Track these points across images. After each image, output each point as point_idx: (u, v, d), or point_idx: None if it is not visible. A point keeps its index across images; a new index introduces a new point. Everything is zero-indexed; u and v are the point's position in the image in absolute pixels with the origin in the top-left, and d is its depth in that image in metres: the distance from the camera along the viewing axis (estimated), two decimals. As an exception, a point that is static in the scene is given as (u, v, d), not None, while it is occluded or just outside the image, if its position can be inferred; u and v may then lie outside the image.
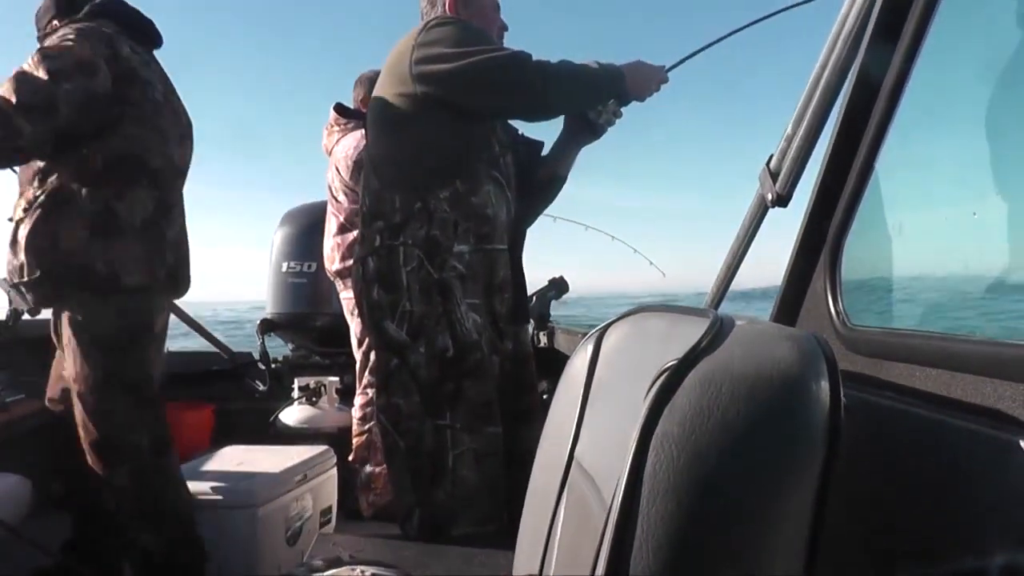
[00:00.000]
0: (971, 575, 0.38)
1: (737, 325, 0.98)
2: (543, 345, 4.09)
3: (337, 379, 4.09)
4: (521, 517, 1.42)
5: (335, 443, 3.62)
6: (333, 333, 4.16)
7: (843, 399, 0.88)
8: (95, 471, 2.47)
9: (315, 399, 4.02)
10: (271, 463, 3.03)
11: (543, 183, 2.78)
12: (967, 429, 0.98)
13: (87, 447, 2.47)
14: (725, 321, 0.98)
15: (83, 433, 2.47)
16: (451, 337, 2.37)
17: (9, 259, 2.47)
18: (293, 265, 4.30)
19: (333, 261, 3.75)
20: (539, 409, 2.81)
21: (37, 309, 2.52)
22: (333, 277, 3.80)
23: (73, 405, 2.49)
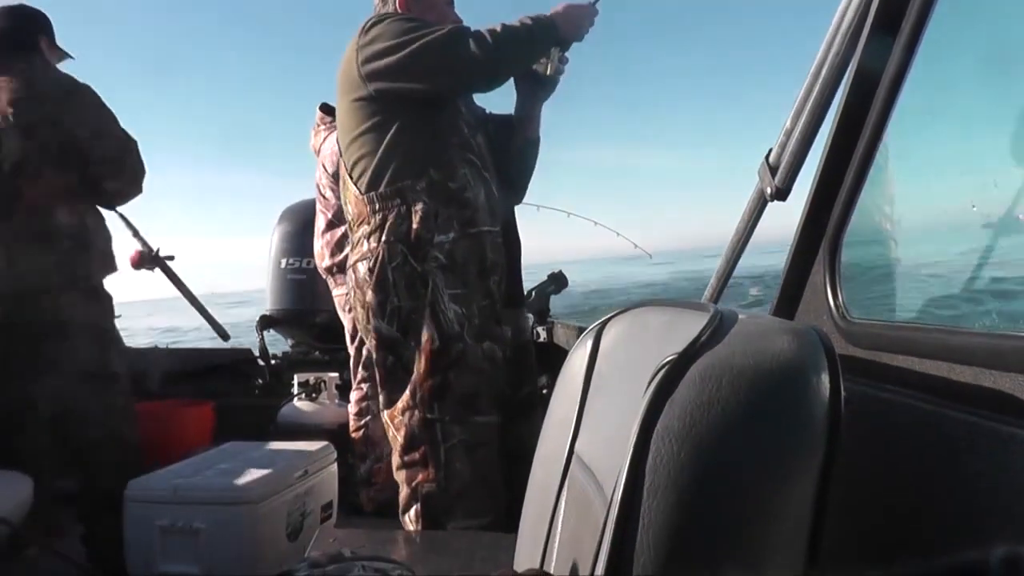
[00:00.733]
0: (971, 566, 0.38)
1: (736, 319, 0.98)
2: (543, 340, 4.09)
3: (336, 375, 4.09)
4: (522, 511, 1.43)
5: (335, 438, 3.62)
6: (332, 329, 4.17)
7: (843, 392, 0.89)
8: None
9: (315, 395, 4.02)
10: (271, 459, 3.03)
11: (518, 151, 2.80)
12: (967, 421, 0.98)
13: None
14: (725, 315, 0.98)
15: None
16: (436, 329, 2.38)
17: None
18: (292, 261, 4.31)
19: (323, 258, 3.76)
20: (539, 401, 2.81)
21: None
22: (324, 274, 3.81)
23: None
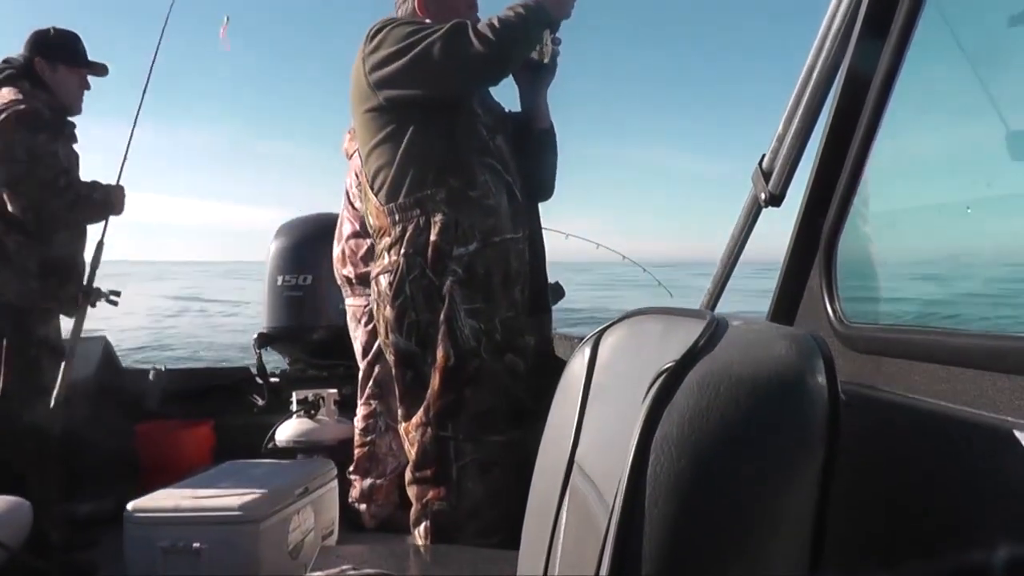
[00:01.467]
0: (973, 568, 0.38)
1: (733, 325, 0.98)
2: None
3: (335, 391, 4.08)
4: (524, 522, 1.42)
5: (335, 455, 3.62)
6: (330, 345, 4.16)
7: (841, 396, 0.88)
8: None
9: (314, 412, 4.01)
10: (272, 477, 3.03)
11: (535, 145, 2.74)
12: (966, 423, 0.98)
13: None
14: (721, 322, 0.98)
15: None
16: (452, 345, 2.35)
17: None
18: (288, 278, 4.30)
19: (344, 265, 3.74)
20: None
21: None
22: (341, 282, 3.79)
23: None
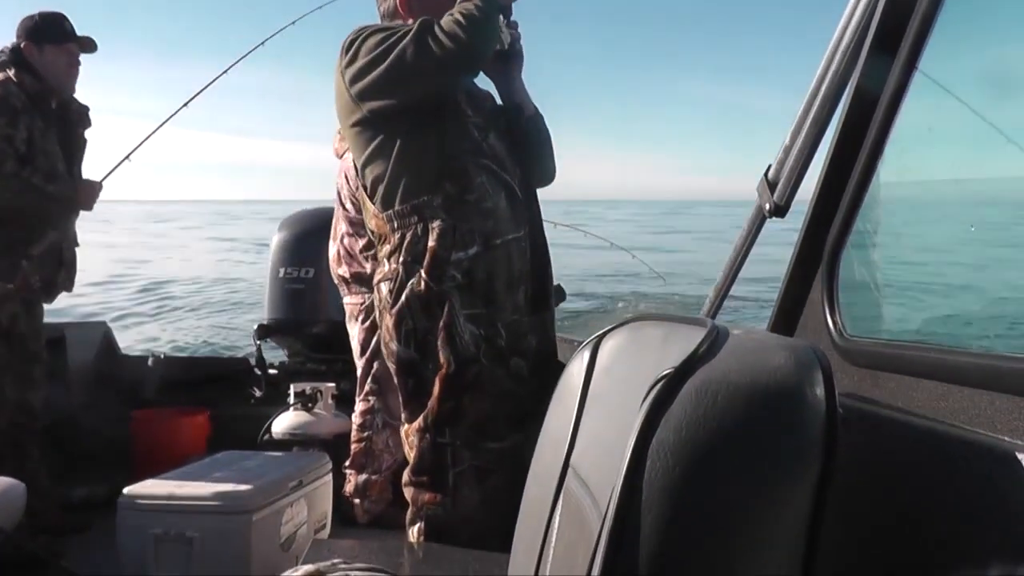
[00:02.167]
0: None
1: (733, 334, 0.98)
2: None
3: (333, 385, 4.08)
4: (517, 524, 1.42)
5: (331, 449, 3.62)
6: (329, 339, 4.16)
7: (839, 409, 0.89)
8: None
9: (311, 405, 4.01)
10: (266, 469, 3.03)
11: (524, 133, 2.66)
12: (963, 442, 0.98)
13: None
14: (721, 330, 0.98)
15: None
16: (451, 352, 2.34)
17: None
18: (290, 271, 4.30)
19: (340, 264, 3.75)
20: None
21: None
22: (337, 281, 3.80)
23: None
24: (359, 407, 3.74)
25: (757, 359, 0.91)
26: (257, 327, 4.41)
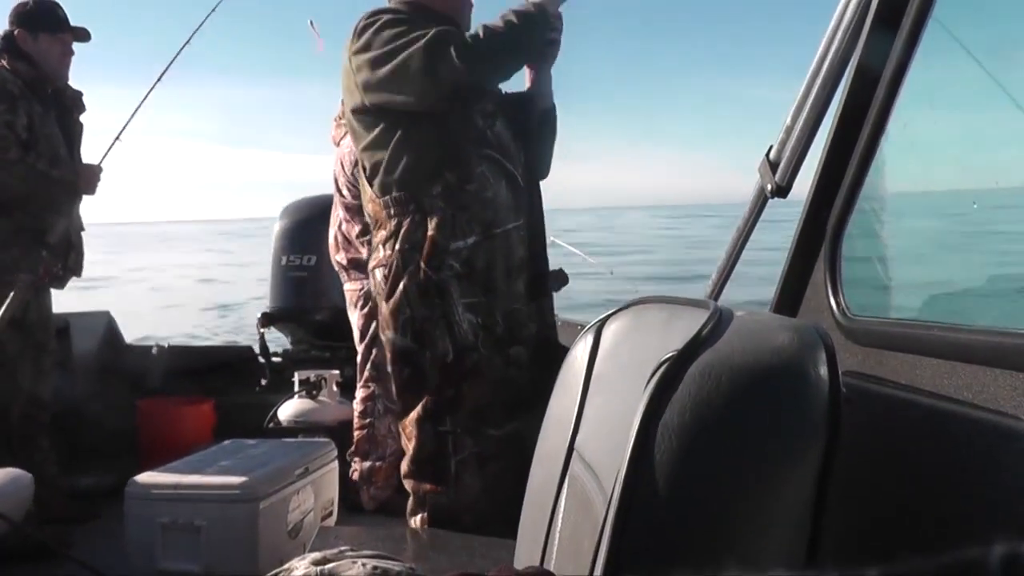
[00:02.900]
0: (971, 563, 0.38)
1: (736, 316, 0.98)
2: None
3: (337, 372, 4.09)
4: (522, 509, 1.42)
5: (336, 436, 3.62)
6: (333, 326, 4.16)
7: (843, 388, 0.89)
8: None
9: (315, 392, 4.01)
10: (272, 456, 3.03)
11: (536, 125, 2.63)
12: (967, 418, 0.98)
13: None
14: (724, 312, 0.98)
15: None
16: (449, 340, 2.32)
17: None
18: (293, 259, 4.30)
19: (338, 251, 3.75)
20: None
21: None
22: (336, 268, 3.80)
23: None
24: (360, 394, 3.75)
25: (760, 340, 0.91)
26: (261, 315, 4.41)
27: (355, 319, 3.73)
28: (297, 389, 4.04)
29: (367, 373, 3.70)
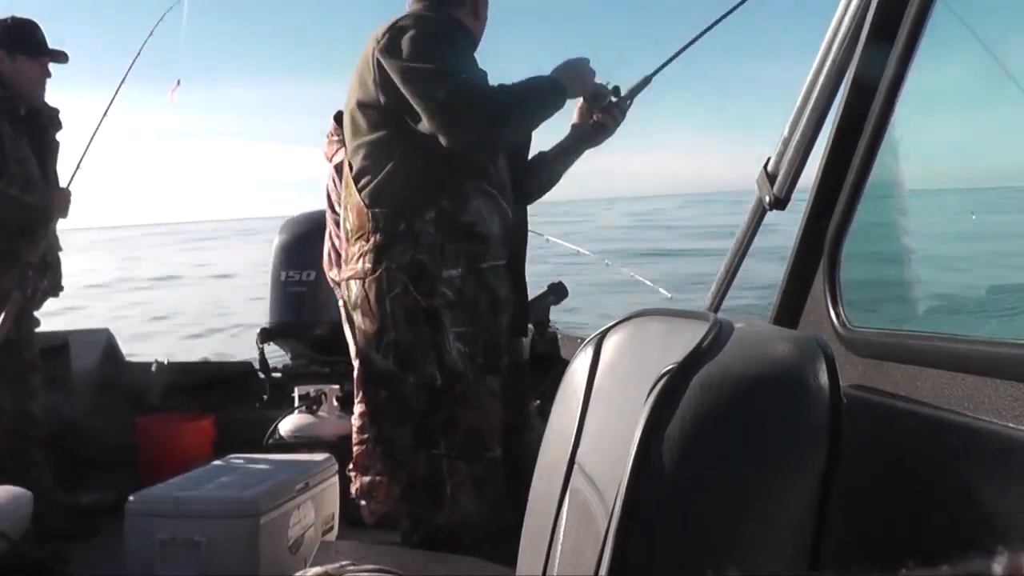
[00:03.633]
0: (973, 575, 0.38)
1: (736, 328, 0.98)
2: (543, 350, 4.08)
3: (337, 387, 4.08)
4: (523, 523, 1.42)
5: (336, 451, 3.61)
6: (333, 341, 4.15)
7: (843, 400, 0.88)
8: None
9: (315, 407, 4.01)
10: (272, 472, 3.03)
11: (536, 187, 2.65)
12: (968, 428, 0.98)
13: None
14: (724, 324, 0.98)
15: None
16: (438, 367, 2.28)
17: None
18: (292, 274, 4.30)
19: (331, 268, 3.75)
20: (534, 418, 2.74)
21: None
22: (332, 284, 3.80)
23: None
24: (357, 409, 3.73)
25: (760, 352, 0.91)
26: (260, 331, 4.41)
27: (351, 335, 3.73)
28: (297, 404, 4.04)
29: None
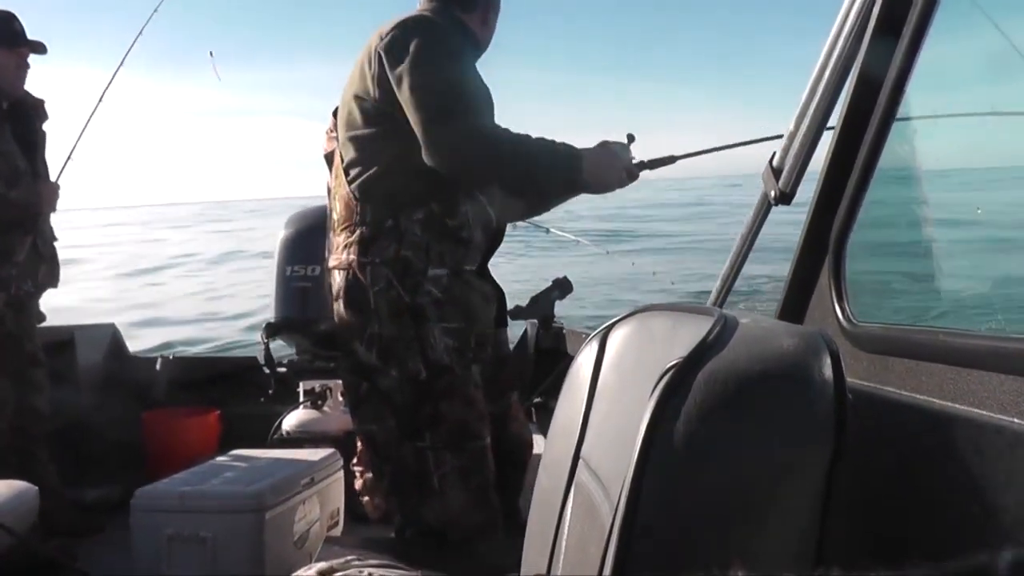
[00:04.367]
0: (978, 569, 0.38)
1: (741, 323, 0.98)
2: (548, 345, 4.08)
3: (342, 382, 4.08)
4: (517, 514, 1.42)
5: (341, 446, 3.62)
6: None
7: (848, 395, 0.88)
8: None
9: (320, 403, 4.01)
10: (278, 467, 3.03)
11: (522, 214, 2.70)
12: (973, 425, 0.98)
13: None
14: (729, 319, 0.98)
15: None
16: (423, 362, 2.28)
17: None
18: (297, 269, 4.30)
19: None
20: (518, 409, 2.75)
21: None
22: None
23: None
24: None
25: (766, 346, 0.91)
26: (265, 326, 4.41)
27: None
28: (302, 399, 4.04)
29: None
